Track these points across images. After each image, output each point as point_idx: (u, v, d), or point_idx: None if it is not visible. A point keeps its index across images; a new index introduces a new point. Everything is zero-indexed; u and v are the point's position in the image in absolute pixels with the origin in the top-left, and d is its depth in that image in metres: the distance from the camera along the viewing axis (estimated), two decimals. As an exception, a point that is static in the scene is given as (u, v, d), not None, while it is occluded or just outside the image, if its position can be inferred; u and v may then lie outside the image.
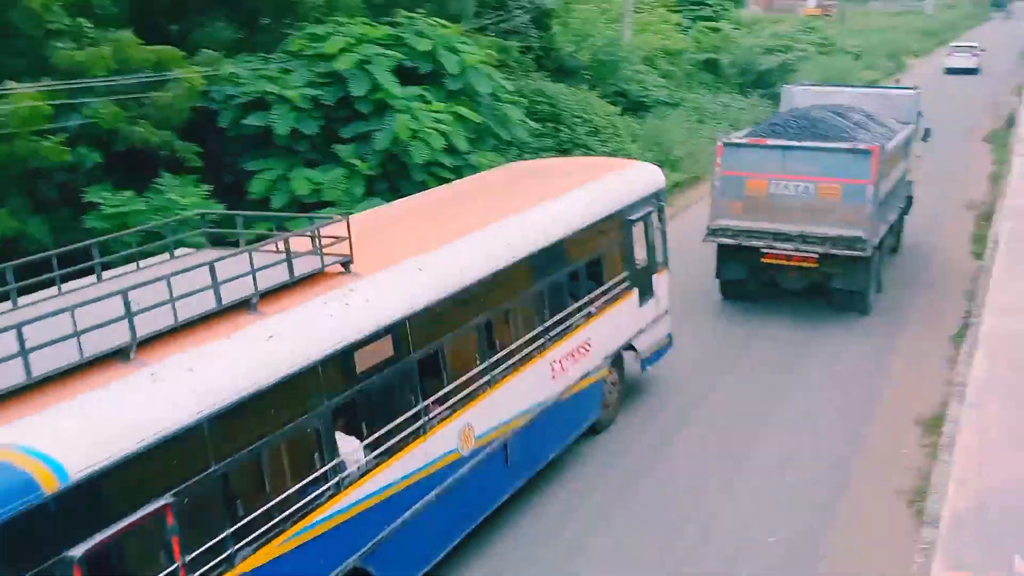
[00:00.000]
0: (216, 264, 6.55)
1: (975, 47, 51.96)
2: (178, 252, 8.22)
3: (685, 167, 26.46)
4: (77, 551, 5.00)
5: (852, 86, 22.42)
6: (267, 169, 16.29)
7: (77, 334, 5.68)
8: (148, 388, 5.75)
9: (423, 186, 16.40)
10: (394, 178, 16.61)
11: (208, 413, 5.86)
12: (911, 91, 19.11)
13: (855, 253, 14.46)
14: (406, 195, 16.08)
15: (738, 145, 15.08)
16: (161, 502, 5.53)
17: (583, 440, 11.37)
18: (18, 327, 5.43)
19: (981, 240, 20.15)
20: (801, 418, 12.32)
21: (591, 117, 25.03)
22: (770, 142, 14.89)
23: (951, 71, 49.42)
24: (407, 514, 7.72)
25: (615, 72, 28.70)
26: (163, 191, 13.95)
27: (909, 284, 17.86)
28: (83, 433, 5.26)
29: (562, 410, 10.09)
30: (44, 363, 5.50)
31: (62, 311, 5.74)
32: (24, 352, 5.38)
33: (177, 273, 6.44)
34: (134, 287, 6.16)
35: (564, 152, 24.26)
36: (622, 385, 11.85)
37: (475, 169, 16.84)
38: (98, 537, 5.13)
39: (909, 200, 18.74)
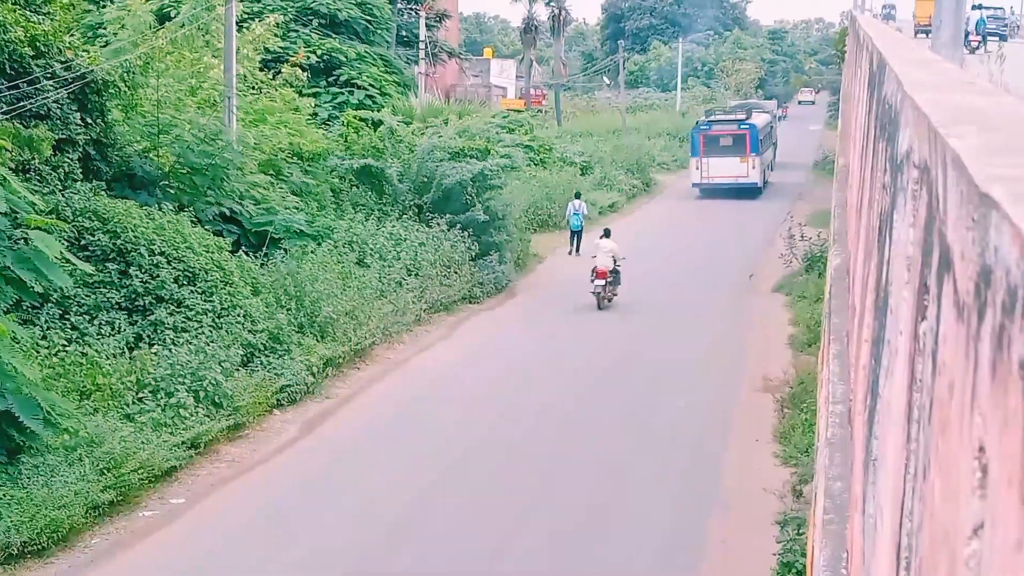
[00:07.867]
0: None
1: (812, 90, 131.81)
2: None
3: (340, 333, 23.76)
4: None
5: (754, 102, 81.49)
6: None
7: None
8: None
9: None
10: None
11: (763, 124, 65.57)
12: (775, 102, 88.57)
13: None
14: None
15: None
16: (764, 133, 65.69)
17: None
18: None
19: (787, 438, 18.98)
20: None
21: (183, 255, 22.18)
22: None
23: (801, 103, 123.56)
24: (770, 155, 69.70)
25: (218, 184, 26.03)
26: None
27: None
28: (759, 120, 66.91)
29: (768, 166, 66.78)
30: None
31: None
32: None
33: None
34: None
35: (136, 312, 21.17)
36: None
37: None
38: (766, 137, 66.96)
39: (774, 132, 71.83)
